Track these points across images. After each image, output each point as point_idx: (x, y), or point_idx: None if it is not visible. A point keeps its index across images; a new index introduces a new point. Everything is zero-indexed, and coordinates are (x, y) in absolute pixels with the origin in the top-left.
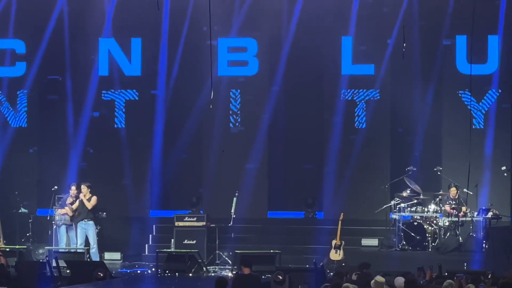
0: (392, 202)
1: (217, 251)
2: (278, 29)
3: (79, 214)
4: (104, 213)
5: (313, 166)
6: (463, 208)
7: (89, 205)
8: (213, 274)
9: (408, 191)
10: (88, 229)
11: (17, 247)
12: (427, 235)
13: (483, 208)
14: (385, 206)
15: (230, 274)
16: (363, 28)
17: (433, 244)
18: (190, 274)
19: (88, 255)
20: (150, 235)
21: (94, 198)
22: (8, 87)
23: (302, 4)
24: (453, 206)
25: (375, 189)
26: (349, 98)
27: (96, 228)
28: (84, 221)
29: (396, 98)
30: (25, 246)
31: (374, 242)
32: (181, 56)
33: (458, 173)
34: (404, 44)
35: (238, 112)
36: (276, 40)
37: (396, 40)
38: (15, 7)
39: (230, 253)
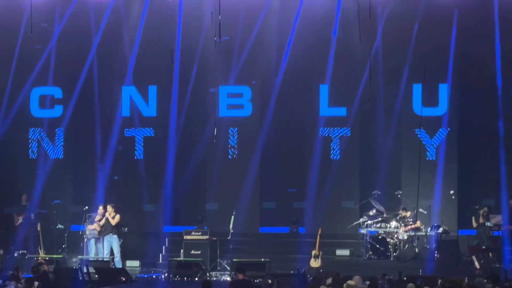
0: (361, 220)
1: (218, 260)
2: (268, 78)
3: (105, 229)
4: (126, 228)
5: (297, 190)
6: (416, 223)
7: (114, 222)
8: (214, 279)
9: (374, 211)
10: (112, 242)
11: (55, 256)
12: (389, 246)
13: (435, 224)
14: (355, 223)
15: (228, 279)
16: (337, 77)
17: (394, 254)
18: (196, 279)
19: (112, 263)
20: (163, 247)
21: (117, 216)
22: (48, 125)
23: (288, 58)
24: (410, 223)
25: (347, 209)
26: (326, 135)
27: (119, 241)
28: (110, 235)
29: (364, 135)
30: (61, 256)
31: (346, 252)
32: (189, 100)
33: (414, 196)
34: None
35: (236, 146)
36: (267, 87)
37: (364, 87)
38: (54, 61)
39: (229, 261)
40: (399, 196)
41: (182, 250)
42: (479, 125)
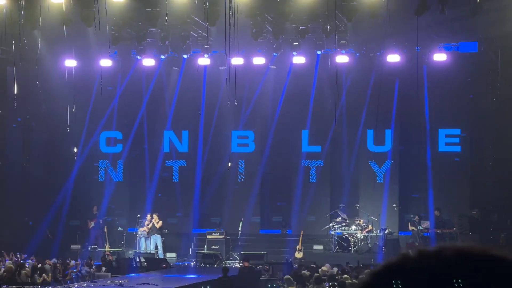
0: (331, 224)
1: (231, 252)
2: (266, 125)
3: (152, 231)
4: (166, 230)
5: (286, 203)
6: (369, 227)
7: (158, 226)
8: (228, 266)
9: (340, 218)
10: (157, 240)
11: (116, 249)
12: (350, 243)
13: (383, 228)
14: (326, 226)
15: (238, 265)
16: (314, 124)
17: (354, 248)
18: (215, 266)
19: (157, 255)
20: (192, 243)
21: (160, 222)
22: (112, 158)
23: (279, 111)
24: (365, 227)
25: (321, 216)
26: (306, 165)
27: (162, 239)
28: (155, 235)
29: (333, 165)
30: (121, 249)
31: (320, 247)
32: (210, 140)
33: (369, 208)
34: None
35: (243, 173)
36: (265, 131)
37: (333, 131)
38: (116, 113)
39: (238, 253)
40: (357, 207)
41: (205, 246)
42: (413, 157)
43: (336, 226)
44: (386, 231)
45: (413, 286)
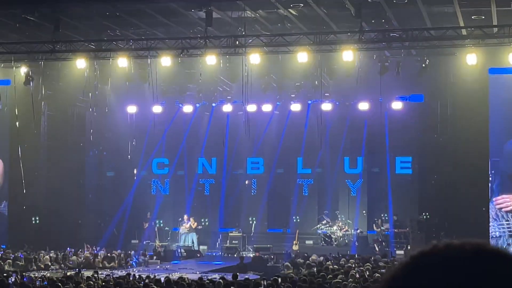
0: (318, 225)
1: (246, 245)
2: (272, 154)
3: (190, 230)
4: (200, 226)
5: (286, 210)
6: (346, 227)
7: (194, 226)
8: (244, 255)
9: (325, 221)
10: (193, 236)
11: (164, 243)
12: (332, 239)
13: (356, 228)
14: (315, 227)
15: (251, 255)
16: (306, 153)
17: (335, 243)
18: (235, 255)
19: (193, 247)
20: (218, 239)
21: (196, 223)
22: (160, 178)
23: (281, 143)
24: (343, 228)
25: (312, 220)
26: (300, 183)
27: (197, 236)
28: (192, 233)
29: (320, 182)
30: (167, 243)
31: (311, 242)
32: (232, 164)
33: (345, 214)
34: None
35: (255, 188)
36: (271, 158)
37: (320, 158)
38: (164, 144)
39: (251, 246)
40: (337, 213)
41: (228, 241)
42: (378, 177)
43: (322, 226)
44: (358, 231)
45: (442, 268)
